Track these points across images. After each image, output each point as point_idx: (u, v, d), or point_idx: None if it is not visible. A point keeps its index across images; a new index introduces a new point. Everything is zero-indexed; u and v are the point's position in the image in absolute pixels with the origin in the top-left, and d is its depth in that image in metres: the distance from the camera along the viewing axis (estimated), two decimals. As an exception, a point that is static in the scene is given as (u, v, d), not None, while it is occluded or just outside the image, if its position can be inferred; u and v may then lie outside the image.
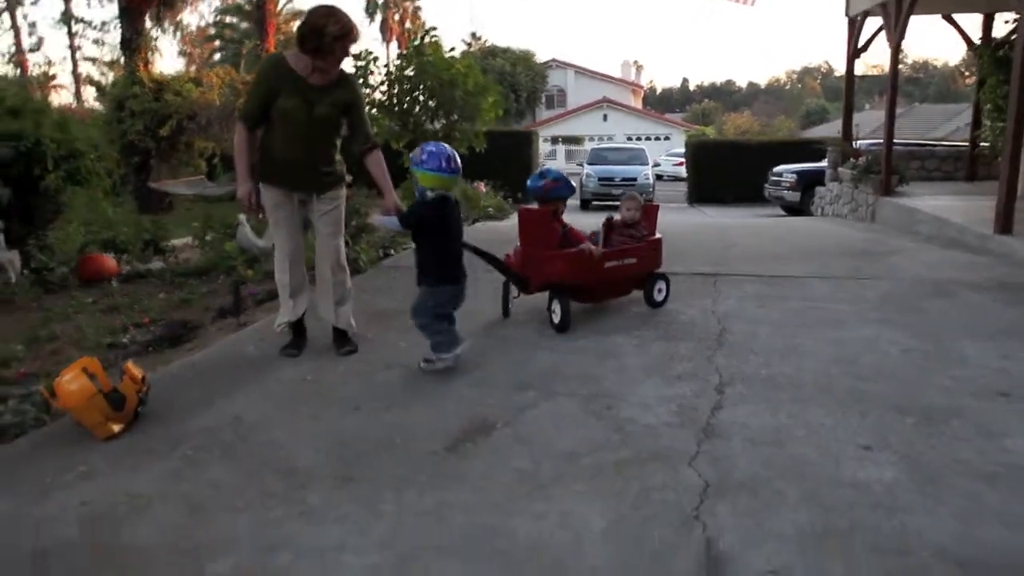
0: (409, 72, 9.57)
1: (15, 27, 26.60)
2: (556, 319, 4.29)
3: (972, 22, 11.49)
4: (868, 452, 2.72)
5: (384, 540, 2.21)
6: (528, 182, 4.66)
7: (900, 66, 10.04)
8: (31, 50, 26.42)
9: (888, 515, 2.30)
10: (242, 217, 6.64)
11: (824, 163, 13.03)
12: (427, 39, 9.60)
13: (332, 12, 3.53)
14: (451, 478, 2.59)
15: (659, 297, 4.75)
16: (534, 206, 4.71)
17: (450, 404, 3.24)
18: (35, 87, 7.19)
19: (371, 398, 3.34)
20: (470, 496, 2.46)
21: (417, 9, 35.76)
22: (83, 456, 2.76)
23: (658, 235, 4.84)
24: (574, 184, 5.00)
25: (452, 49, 9.57)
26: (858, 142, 12.25)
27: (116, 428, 2.89)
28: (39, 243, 6.48)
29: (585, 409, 3.16)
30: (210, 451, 2.81)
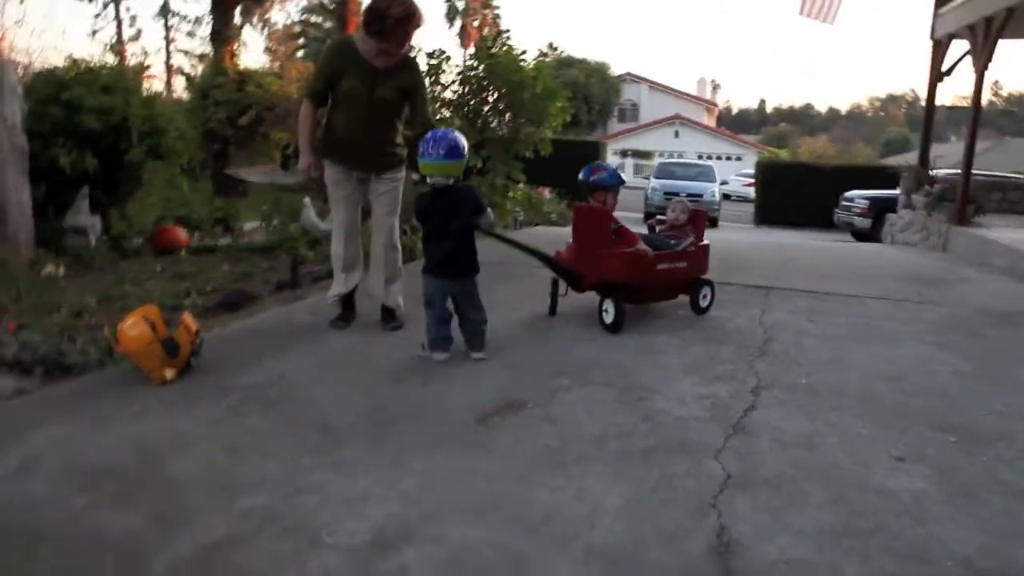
0: (479, 72, 9.70)
1: (118, 19, 28.01)
2: (608, 319, 4.22)
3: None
4: (901, 463, 2.67)
5: (408, 495, 2.29)
6: (581, 175, 4.59)
7: (994, 98, 9.70)
8: (130, 40, 27.79)
9: (914, 523, 2.25)
10: (307, 200, 6.88)
11: (898, 190, 12.63)
12: (499, 40, 9.72)
13: None
14: (478, 447, 2.66)
15: (704, 303, 4.72)
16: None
17: (485, 383, 3.30)
18: (131, 75, 7.66)
19: (410, 372, 3.45)
20: (494, 465, 2.52)
21: (496, 17, 36.20)
22: (138, 397, 2.95)
23: (705, 241, 4.80)
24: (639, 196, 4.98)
25: (523, 52, 9.66)
26: (936, 171, 11.84)
27: (170, 375, 3.06)
28: (119, 212, 6.85)
29: (618, 398, 3.18)
30: (253, 403, 2.95)
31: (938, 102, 11.93)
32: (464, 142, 3.52)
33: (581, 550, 2.03)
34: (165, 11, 26.97)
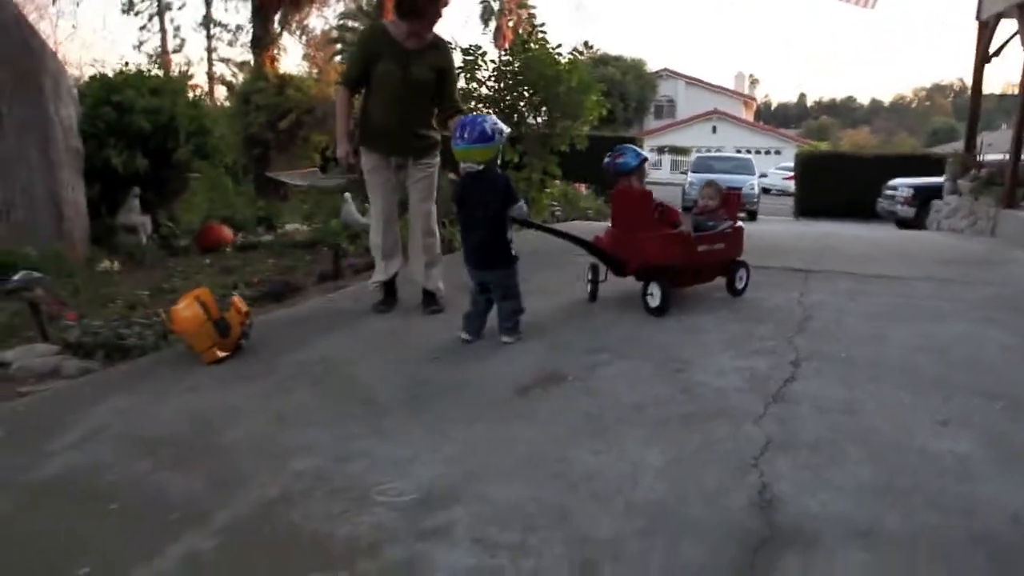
0: (515, 67, 9.77)
1: (163, 30, 28.79)
2: (655, 302, 4.16)
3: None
4: (945, 427, 2.65)
5: (452, 458, 2.36)
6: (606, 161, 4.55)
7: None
8: (174, 51, 28.55)
9: (957, 481, 2.25)
10: (347, 195, 7.03)
11: (943, 178, 12.36)
12: (534, 35, 9.78)
13: None
14: (519, 416, 2.72)
15: (740, 284, 4.71)
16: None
17: (525, 360, 3.36)
18: (178, 78, 7.98)
19: (451, 351, 3.52)
20: (535, 432, 2.58)
21: (531, 16, 36.25)
22: (191, 375, 3.09)
23: (739, 223, 4.78)
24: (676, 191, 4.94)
25: (559, 46, 9.71)
26: (984, 157, 11.55)
27: (221, 354, 3.20)
28: (168, 212, 7.09)
29: (657, 371, 3.21)
30: (300, 379, 3.06)
31: (987, 89, 11.65)
32: (498, 126, 3.49)
33: (623, 505, 2.08)
34: (208, 21, 27.67)
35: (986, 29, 10.87)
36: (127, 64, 7.20)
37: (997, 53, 10.77)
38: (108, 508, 2.08)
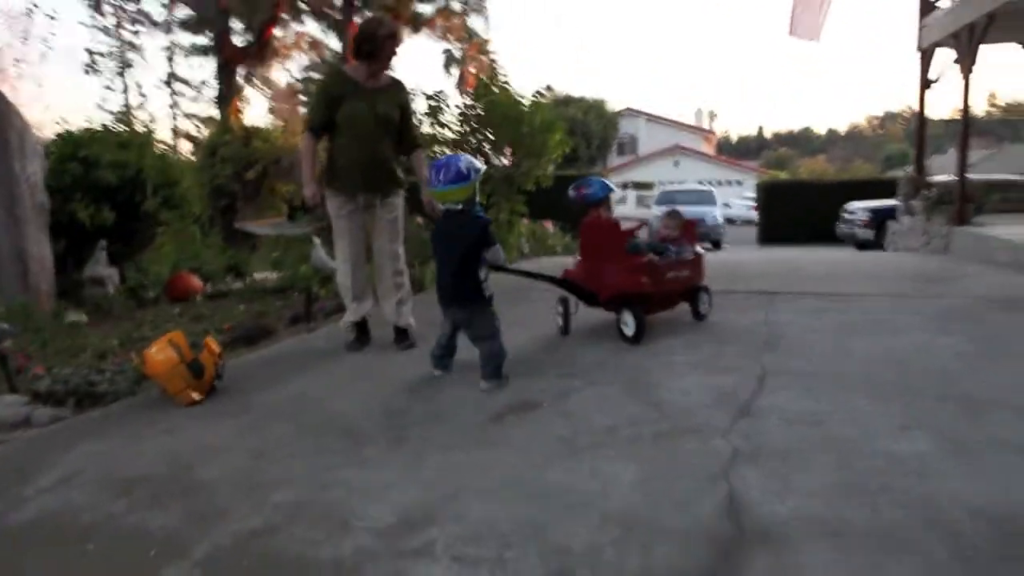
0: (478, 110, 9.98)
1: (125, 88, 28.81)
2: (630, 331, 4.18)
3: (1051, 53, 11.20)
4: (905, 431, 2.75)
5: (429, 483, 2.40)
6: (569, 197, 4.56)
7: (991, 108, 9.86)
8: (138, 107, 28.56)
9: (920, 480, 2.33)
10: (316, 240, 7.06)
11: (896, 200, 12.76)
12: (496, 79, 10.02)
13: (380, 19, 4.19)
14: (494, 442, 2.76)
15: (704, 309, 4.80)
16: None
17: (499, 391, 3.40)
18: (143, 133, 8.04)
19: (426, 383, 3.57)
20: (510, 455, 2.62)
21: (493, 63, 36.98)
22: (167, 417, 3.09)
23: (700, 250, 4.88)
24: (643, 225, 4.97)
25: (520, 91, 9.95)
26: (934, 177, 11.97)
27: (196, 396, 3.20)
28: (135, 263, 7.06)
29: (628, 393, 3.29)
30: (277, 416, 3.08)
31: (937, 116, 12.17)
32: (473, 165, 3.47)
33: (598, 517, 2.12)
34: (171, 78, 27.76)
35: (926, 57, 11.37)
36: (90, 123, 7.24)
37: (937, 80, 11.25)
38: (86, 548, 2.07)
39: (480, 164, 3.55)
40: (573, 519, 2.12)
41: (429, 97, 10.03)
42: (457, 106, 10.48)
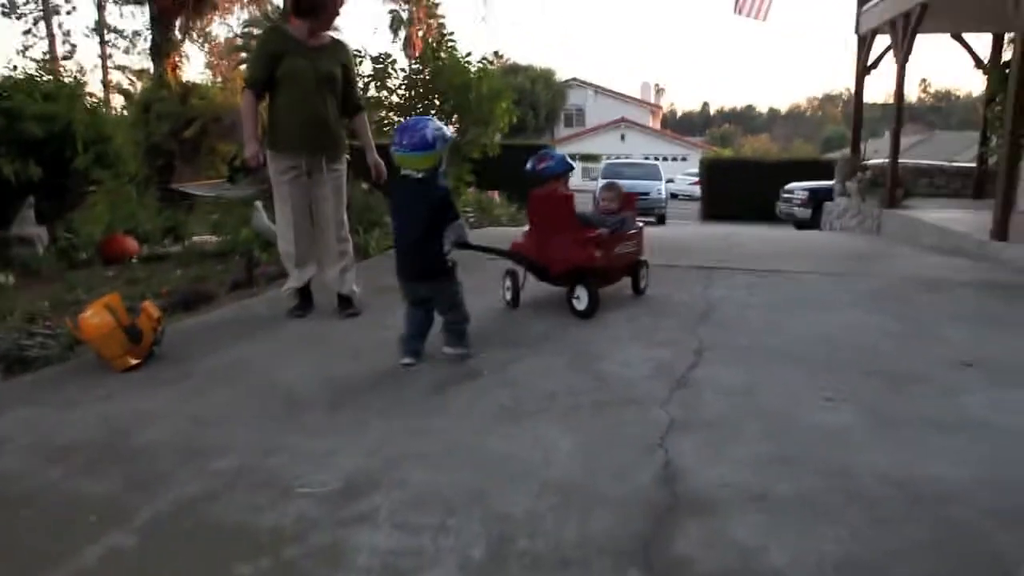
0: (425, 75, 9.85)
1: (50, 35, 27.34)
2: (582, 305, 4.17)
3: (982, 42, 11.65)
4: (830, 403, 2.90)
5: (371, 449, 2.42)
6: (528, 166, 4.47)
7: (923, 95, 10.20)
8: (64, 58, 27.14)
9: (839, 448, 2.47)
10: (258, 203, 6.92)
11: (833, 181, 13.17)
12: (443, 43, 9.89)
13: None
14: (435, 409, 2.80)
15: (643, 284, 4.87)
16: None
17: (441, 358, 3.43)
18: (72, 85, 7.59)
19: (368, 350, 3.56)
20: (451, 422, 2.67)
21: (441, 26, 36.39)
22: (102, 383, 3.02)
23: (639, 224, 4.93)
24: (587, 198, 4.96)
25: (468, 54, 9.84)
26: (869, 160, 12.39)
27: (133, 361, 3.14)
28: (66, 223, 6.80)
29: (570, 364, 3.36)
30: (216, 383, 3.05)
31: (874, 100, 12.57)
32: (440, 132, 3.24)
33: (537, 486, 2.19)
34: (100, 27, 26.44)
35: (864, 43, 11.69)
36: (15, 68, 6.88)
37: (875, 65, 11.59)
38: (20, 515, 2.04)
39: (450, 132, 3.36)
40: (514, 486, 2.18)
41: (375, 60, 9.84)
42: (403, 70, 10.32)
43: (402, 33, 39.14)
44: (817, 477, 2.26)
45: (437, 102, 10.10)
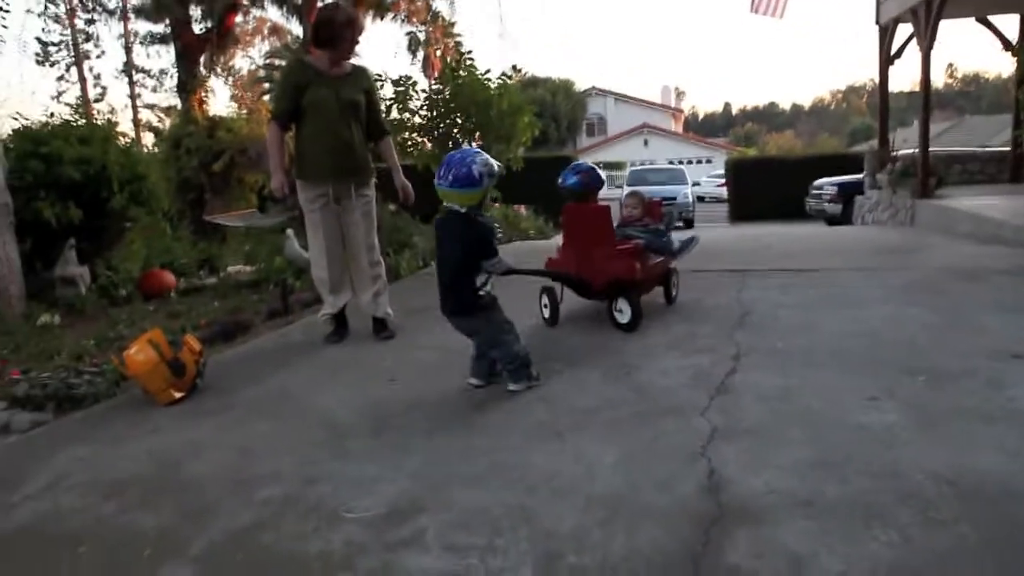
0: (445, 95, 9.95)
1: (82, 79, 28.15)
2: (625, 319, 4.08)
3: (1010, 22, 11.44)
4: (874, 402, 2.85)
5: (415, 472, 2.44)
6: (561, 181, 4.36)
7: (949, 80, 10.05)
8: (96, 100, 27.92)
9: (885, 449, 2.44)
10: (289, 231, 7.04)
11: (863, 174, 12.99)
12: (463, 62, 9.99)
13: (336, 5, 4.12)
14: (476, 428, 2.82)
15: (675, 292, 4.80)
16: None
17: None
18: (104, 127, 7.87)
19: (406, 372, 3.60)
20: (493, 440, 2.68)
21: (458, 44, 36.75)
22: (149, 417, 3.10)
23: (672, 235, 4.85)
24: (613, 206, 4.85)
25: (487, 72, 9.92)
26: (899, 151, 12.21)
27: (177, 395, 3.21)
28: (106, 261, 6.97)
29: (606, 376, 3.36)
30: (259, 412, 3.10)
31: (900, 88, 12.45)
32: (488, 166, 3.09)
33: (582, 500, 2.19)
34: (129, 68, 27.16)
35: (886, 33, 11.55)
36: (52, 115, 7.10)
37: (898, 55, 11.44)
38: (78, 552, 2.09)
39: (498, 166, 3.15)
40: (559, 502, 2.18)
41: (396, 83, 9.98)
42: (424, 91, 10.45)
43: (420, 53, 39.62)
44: (864, 479, 2.23)
45: (459, 120, 10.20)
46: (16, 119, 6.99)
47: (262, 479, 2.45)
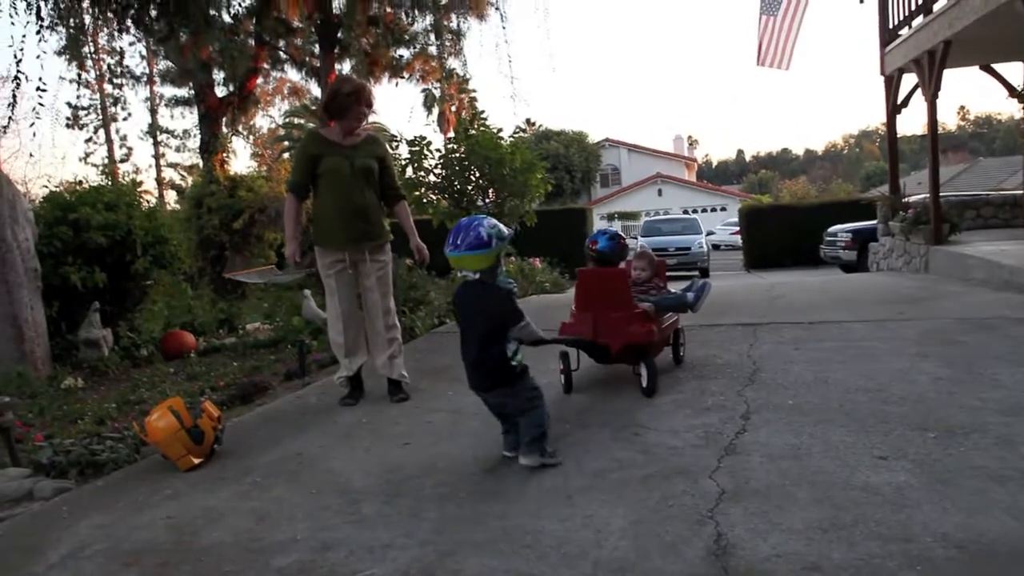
0: (460, 154, 10.18)
1: (109, 141, 29.05)
2: (646, 382, 4.00)
3: (1013, 71, 11.59)
4: (884, 461, 2.86)
5: (427, 539, 2.48)
6: (593, 244, 4.33)
7: (962, 123, 10.16)
8: (121, 160, 28.78)
9: (895, 510, 2.44)
10: (306, 292, 7.18)
11: (876, 221, 13.03)
12: (476, 121, 10.24)
13: (345, 78, 4.45)
14: (488, 493, 2.85)
15: (682, 352, 4.77)
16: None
17: (490, 438, 3.48)
18: (128, 191, 8.19)
19: (420, 435, 3.65)
20: (504, 506, 2.71)
21: (473, 100, 37.58)
22: (168, 483, 3.16)
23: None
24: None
25: (500, 130, 10.16)
26: (911, 198, 12.26)
27: (196, 460, 3.28)
28: (128, 323, 7.14)
29: (615, 436, 3.39)
30: (276, 477, 3.16)
31: (913, 131, 12.55)
32: (496, 229, 3.08)
33: (590, 567, 2.22)
34: (154, 129, 28.07)
35: (891, 83, 11.72)
36: (80, 183, 7.37)
37: (905, 104, 11.58)
38: (98, 623, 2.14)
39: (507, 230, 3.13)
40: (567, 569, 2.21)
41: (411, 143, 10.24)
42: (438, 149, 10.71)
43: (436, 110, 40.54)
44: (872, 542, 2.24)
45: (473, 178, 10.42)
46: (47, 186, 7.28)
47: (278, 546, 2.50)
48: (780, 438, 3.20)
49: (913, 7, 10.49)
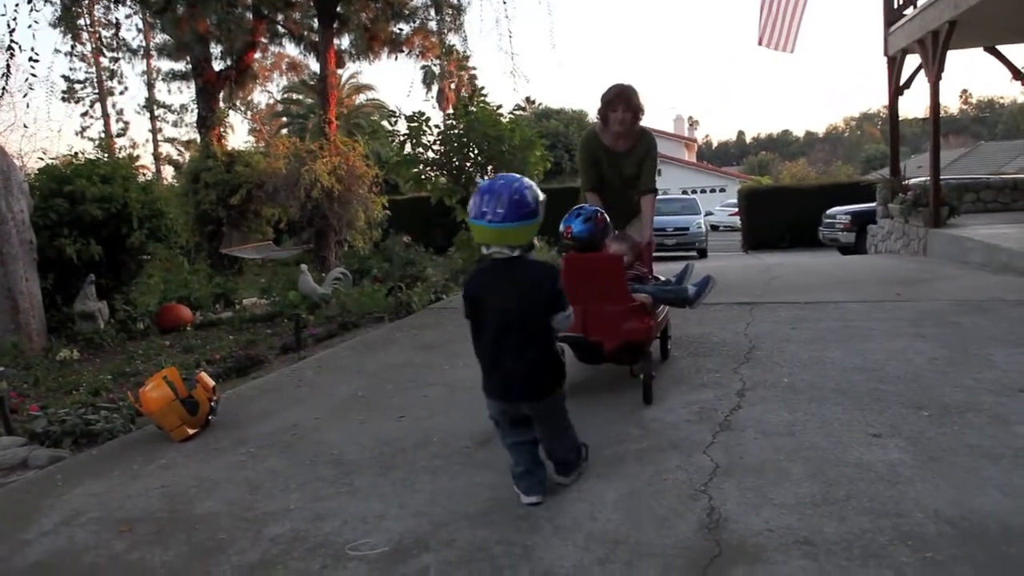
0: (459, 130, 10.11)
1: (105, 115, 28.83)
2: (647, 393, 3.49)
3: (1018, 52, 11.50)
4: (877, 439, 2.87)
5: (420, 510, 2.49)
6: (566, 227, 3.62)
7: (964, 106, 10.10)
8: (118, 135, 28.59)
9: (887, 487, 2.45)
10: (303, 266, 7.17)
11: (875, 203, 12.99)
12: (475, 98, 10.16)
13: (608, 88, 4.43)
14: (480, 465, 2.86)
15: (668, 345, 4.36)
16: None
17: (485, 413, 3.45)
18: (125, 164, 8.13)
19: (414, 408, 3.65)
20: (497, 478, 2.71)
21: (473, 77, 37.30)
22: (163, 453, 3.17)
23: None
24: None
25: (499, 107, 10.08)
26: (911, 180, 12.22)
27: (190, 431, 3.29)
28: (124, 296, 7.11)
29: (612, 412, 3.39)
30: (270, 448, 3.17)
31: (915, 114, 12.48)
32: (536, 194, 2.45)
33: (583, 538, 2.22)
34: (151, 104, 27.83)
35: (894, 64, 11.63)
36: (76, 155, 7.31)
37: (908, 85, 11.50)
38: (90, 589, 2.15)
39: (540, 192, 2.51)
40: (560, 540, 2.22)
41: (409, 119, 10.17)
42: (437, 126, 10.63)
43: (435, 87, 40.21)
44: (865, 517, 2.25)
45: (472, 155, 10.35)
46: (42, 158, 7.21)
47: (271, 516, 2.51)
48: (775, 415, 3.20)
49: (918, -14, 10.39)
